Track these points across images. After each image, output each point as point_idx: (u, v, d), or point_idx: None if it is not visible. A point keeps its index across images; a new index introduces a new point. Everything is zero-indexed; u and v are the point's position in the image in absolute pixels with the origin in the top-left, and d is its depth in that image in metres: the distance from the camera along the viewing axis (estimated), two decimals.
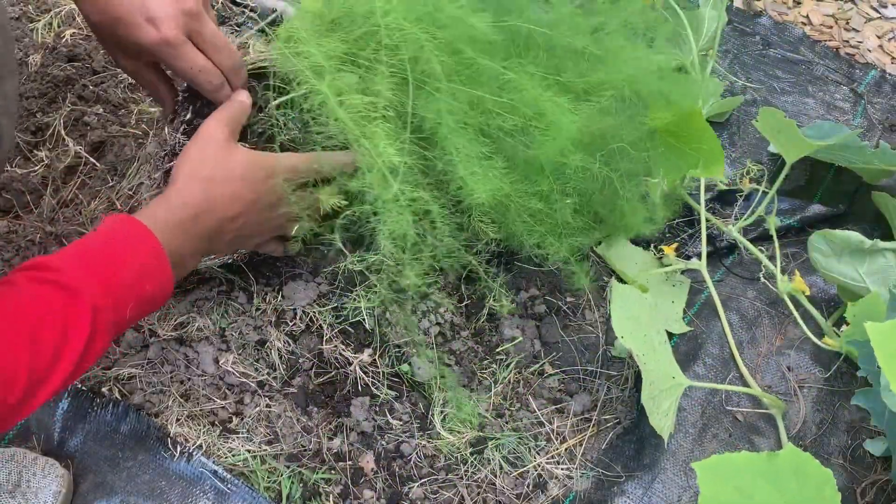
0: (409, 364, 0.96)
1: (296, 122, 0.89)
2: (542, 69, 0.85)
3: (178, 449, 0.87)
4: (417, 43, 0.79)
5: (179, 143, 0.88)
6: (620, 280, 1.05)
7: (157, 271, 0.75)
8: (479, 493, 0.90)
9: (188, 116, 0.89)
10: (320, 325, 0.97)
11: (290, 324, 0.97)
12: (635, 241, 1.11)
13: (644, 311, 0.96)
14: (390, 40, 0.79)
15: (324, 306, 0.98)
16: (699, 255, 1.06)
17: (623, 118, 0.90)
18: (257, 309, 0.98)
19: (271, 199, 0.84)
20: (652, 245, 1.11)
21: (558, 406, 0.98)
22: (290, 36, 0.83)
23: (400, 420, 0.95)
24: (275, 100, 0.88)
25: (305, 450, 0.91)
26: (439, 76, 0.79)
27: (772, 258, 1.07)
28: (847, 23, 1.56)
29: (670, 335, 1.01)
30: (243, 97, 0.87)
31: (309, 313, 0.97)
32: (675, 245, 1.07)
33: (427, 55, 0.78)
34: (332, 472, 0.90)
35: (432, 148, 0.83)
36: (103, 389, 0.91)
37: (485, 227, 0.90)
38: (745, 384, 0.97)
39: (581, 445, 0.95)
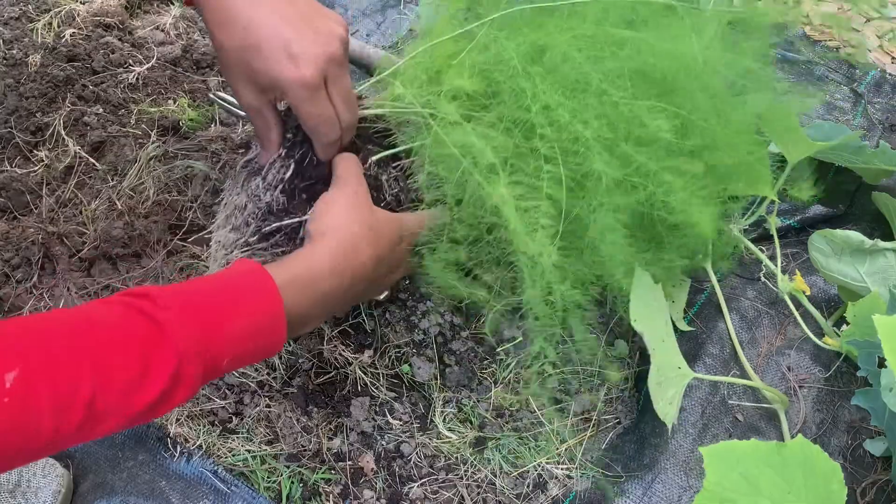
0: (409, 364, 0.96)
1: (401, 186, 0.87)
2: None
3: (178, 449, 0.87)
4: (574, 134, 0.73)
5: (278, 202, 0.81)
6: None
7: (270, 331, 0.67)
8: (479, 493, 0.90)
9: (288, 175, 0.82)
10: (323, 328, 0.97)
11: None
12: None
13: (657, 302, 0.95)
14: (546, 145, 0.74)
15: None
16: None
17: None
18: None
19: (399, 259, 0.82)
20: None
21: (558, 406, 0.98)
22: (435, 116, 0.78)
23: (400, 420, 0.95)
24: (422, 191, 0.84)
25: (305, 450, 0.91)
26: (603, 187, 0.74)
27: (772, 258, 1.07)
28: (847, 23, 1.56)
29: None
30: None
31: None
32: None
33: (590, 155, 0.73)
34: (332, 472, 0.90)
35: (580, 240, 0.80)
36: None
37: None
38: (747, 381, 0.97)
39: (581, 445, 0.95)
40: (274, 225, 0.80)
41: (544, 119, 0.75)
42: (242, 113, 0.88)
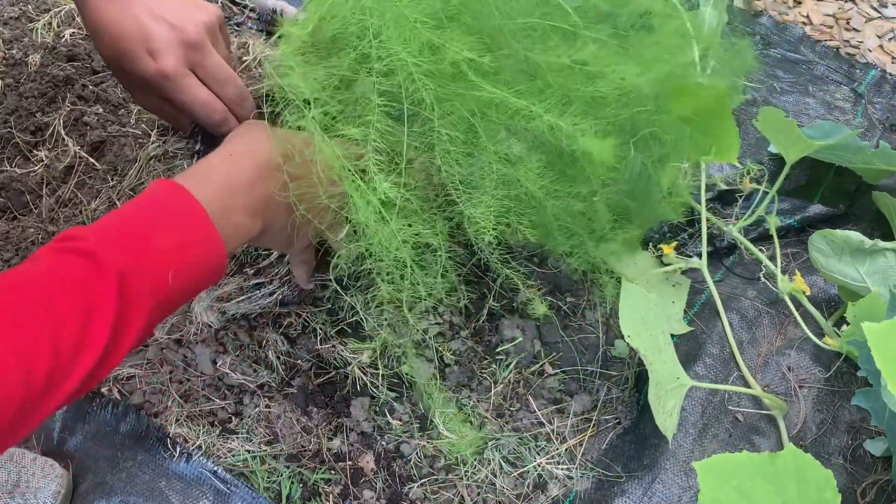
0: (409, 364, 0.96)
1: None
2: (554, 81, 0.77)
3: (178, 449, 0.87)
4: (407, 69, 0.71)
5: None
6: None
7: (202, 233, 0.67)
8: (479, 494, 0.90)
9: (199, 147, 0.86)
10: (317, 326, 0.97)
11: (285, 323, 0.97)
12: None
13: (650, 311, 0.95)
14: (381, 65, 0.72)
15: (318, 307, 0.98)
16: (699, 255, 1.06)
17: (652, 103, 0.84)
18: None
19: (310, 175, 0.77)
20: (651, 245, 1.11)
21: (558, 406, 0.98)
22: (278, 64, 0.78)
23: (400, 420, 0.95)
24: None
25: (305, 450, 0.91)
26: (431, 107, 0.72)
27: (772, 258, 1.07)
28: (847, 22, 1.56)
29: (671, 335, 1.01)
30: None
31: (302, 315, 0.98)
32: (674, 244, 1.07)
33: (418, 84, 0.71)
34: (332, 472, 0.90)
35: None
36: (103, 389, 0.91)
37: (524, 230, 0.82)
38: (746, 384, 0.97)
39: (581, 445, 0.95)
40: None
41: (379, 50, 0.73)
42: None
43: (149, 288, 0.63)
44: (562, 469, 0.93)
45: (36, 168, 1.08)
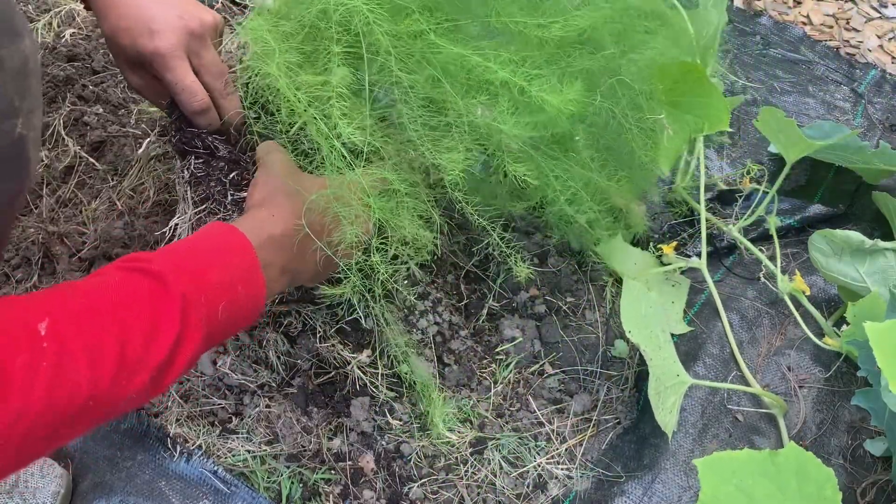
0: (409, 364, 0.96)
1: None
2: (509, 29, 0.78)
3: (178, 449, 0.87)
4: (363, 16, 0.74)
5: (191, 165, 0.86)
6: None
7: (249, 275, 0.72)
8: (479, 493, 0.90)
9: (172, 122, 0.87)
10: (317, 324, 0.97)
11: (285, 322, 0.97)
12: (634, 241, 1.12)
13: (651, 309, 0.96)
14: (338, 15, 0.75)
15: (318, 305, 0.98)
16: (699, 255, 1.06)
17: (615, 52, 0.85)
18: None
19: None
20: (651, 244, 1.11)
21: (558, 406, 0.98)
22: (250, 29, 0.82)
23: (400, 420, 0.95)
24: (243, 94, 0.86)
25: (305, 450, 0.91)
26: (387, 51, 0.75)
27: (772, 258, 1.07)
28: (847, 23, 1.56)
29: (671, 335, 1.01)
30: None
31: (303, 313, 0.98)
32: (674, 244, 1.07)
33: (373, 28, 0.73)
34: (332, 472, 0.90)
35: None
36: None
37: (521, 174, 0.82)
38: (746, 384, 0.97)
39: (581, 445, 0.95)
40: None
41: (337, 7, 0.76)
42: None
43: (204, 316, 0.66)
44: (562, 469, 0.93)
45: (36, 168, 1.08)
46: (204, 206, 0.86)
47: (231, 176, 0.86)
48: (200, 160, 0.86)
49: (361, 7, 0.74)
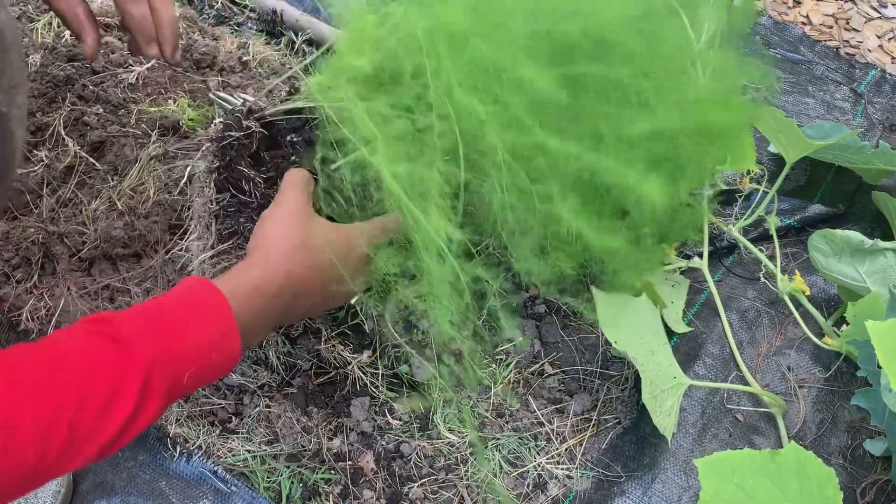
0: (409, 365, 0.96)
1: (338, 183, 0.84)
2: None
3: (178, 449, 0.87)
4: (472, 114, 0.70)
5: (224, 200, 0.85)
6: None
7: (226, 340, 0.69)
8: (479, 493, 0.90)
9: (218, 166, 0.85)
10: (319, 326, 0.97)
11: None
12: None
13: (636, 315, 0.95)
14: (442, 108, 0.71)
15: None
16: (700, 255, 1.06)
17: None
18: None
19: (349, 271, 0.80)
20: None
21: (558, 406, 0.98)
22: (326, 87, 0.77)
23: (400, 420, 0.95)
24: (322, 159, 0.81)
25: (305, 450, 0.91)
26: (498, 164, 0.72)
27: (772, 258, 1.07)
28: (847, 23, 1.56)
29: (670, 335, 1.01)
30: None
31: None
32: (674, 244, 1.07)
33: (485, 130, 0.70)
34: (332, 472, 0.90)
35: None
36: None
37: (562, 263, 0.83)
38: (746, 384, 0.97)
39: (581, 445, 0.95)
40: (231, 228, 0.84)
41: (443, 95, 0.72)
42: (241, 108, 0.88)
43: (167, 387, 0.65)
44: (562, 469, 0.93)
45: (36, 168, 1.08)
46: (231, 241, 0.84)
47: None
48: (235, 199, 0.84)
49: (480, 111, 0.71)
